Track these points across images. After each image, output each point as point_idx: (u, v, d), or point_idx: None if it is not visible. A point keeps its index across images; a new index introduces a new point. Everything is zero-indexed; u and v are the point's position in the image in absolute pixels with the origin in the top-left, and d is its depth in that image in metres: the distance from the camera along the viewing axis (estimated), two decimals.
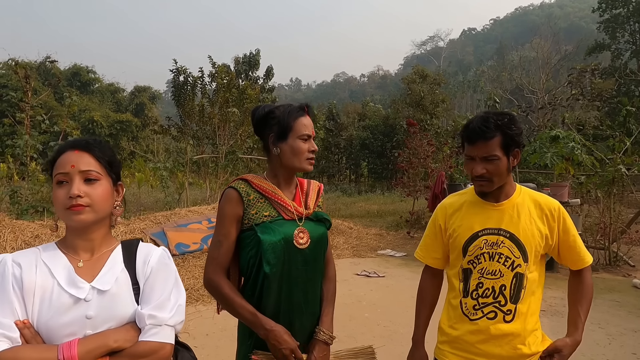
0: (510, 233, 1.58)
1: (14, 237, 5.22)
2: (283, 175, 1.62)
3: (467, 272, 1.63)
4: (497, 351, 1.58)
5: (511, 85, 33.12)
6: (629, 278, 6.20)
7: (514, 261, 1.57)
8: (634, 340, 3.98)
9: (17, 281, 1.07)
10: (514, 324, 1.57)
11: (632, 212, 8.91)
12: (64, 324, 1.07)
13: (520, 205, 1.62)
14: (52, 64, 29.83)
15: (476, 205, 1.66)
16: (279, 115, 1.58)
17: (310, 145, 1.59)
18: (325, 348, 1.60)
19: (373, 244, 8.82)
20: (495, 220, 1.61)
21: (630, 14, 28.52)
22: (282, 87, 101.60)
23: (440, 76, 28.44)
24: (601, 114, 20.98)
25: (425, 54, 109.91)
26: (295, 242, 1.54)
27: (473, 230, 1.62)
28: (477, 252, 1.60)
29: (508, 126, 1.53)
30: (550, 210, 1.63)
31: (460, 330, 1.63)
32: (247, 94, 12.91)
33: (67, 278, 1.11)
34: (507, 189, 1.64)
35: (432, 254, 1.77)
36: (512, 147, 1.55)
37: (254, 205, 1.56)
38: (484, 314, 1.58)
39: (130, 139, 35.96)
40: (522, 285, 1.58)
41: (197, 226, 6.87)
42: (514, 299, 1.58)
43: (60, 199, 1.10)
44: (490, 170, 1.54)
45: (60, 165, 1.12)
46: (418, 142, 11.04)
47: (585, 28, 65.01)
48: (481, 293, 1.59)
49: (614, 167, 6.87)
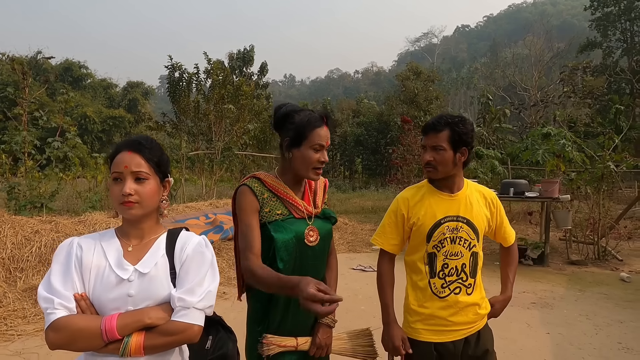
0: (466, 219, 1.85)
1: (14, 233, 5.25)
2: (292, 176, 1.69)
3: (432, 255, 1.84)
4: (464, 319, 1.84)
5: (504, 82, 33.38)
6: (617, 272, 6.37)
7: (470, 242, 1.84)
8: (620, 331, 4.12)
9: (78, 260, 1.26)
10: (474, 295, 1.86)
11: (621, 207, 9.11)
12: (111, 300, 1.24)
13: (470, 196, 1.89)
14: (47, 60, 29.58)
15: (435, 196, 1.88)
16: (297, 122, 1.61)
17: (322, 156, 1.63)
18: (328, 331, 1.71)
19: (368, 239, 8.93)
20: (454, 208, 1.85)
21: (622, 12, 28.86)
22: (275, 83, 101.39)
23: (434, 73, 28.61)
24: (592, 111, 21.26)
25: (419, 50, 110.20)
26: (306, 240, 1.64)
27: (436, 218, 1.84)
28: (441, 237, 1.83)
29: (457, 124, 1.79)
30: (492, 199, 1.95)
31: (431, 308, 1.83)
32: (242, 91, 12.95)
33: (117, 260, 1.28)
34: (458, 182, 1.89)
35: (390, 241, 1.93)
36: (459, 144, 1.80)
37: (267, 203, 1.63)
38: (451, 290, 1.83)
39: (123, 135, 35.83)
40: (477, 261, 1.87)
41: (194, 222, 6.94)
42: (472, 274, 1.86)
43: (115, 194, 1.29)
44: (436, 158, 1.80)
45: (116, 164, 1.29)
46: (412, 138, 11.17)
47: (577, 26, 65.53)
48: (447, 272, 1.83)
49: (603, 164, 7.03)
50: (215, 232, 6.82)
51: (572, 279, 6.04)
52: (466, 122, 1.81)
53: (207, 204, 7.97)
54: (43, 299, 1.20)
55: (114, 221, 6.29)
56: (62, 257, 1.26)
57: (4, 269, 4.88)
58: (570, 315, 4.55)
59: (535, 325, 4.23)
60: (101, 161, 12.63)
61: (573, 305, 4.87)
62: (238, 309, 4.28)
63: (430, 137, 1.82)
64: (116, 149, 1.32)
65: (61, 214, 6.80)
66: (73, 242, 1.29)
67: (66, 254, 1.27)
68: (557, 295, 5.27)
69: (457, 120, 1.80)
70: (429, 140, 1.83)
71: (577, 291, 5.45)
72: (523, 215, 9.84)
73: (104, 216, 6.37)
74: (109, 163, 1.33)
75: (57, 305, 1.19)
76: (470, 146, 1.83)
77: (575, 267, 6.75)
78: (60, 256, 1.27)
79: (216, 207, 7.82)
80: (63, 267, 1.25)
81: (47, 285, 1.22)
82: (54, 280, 1.22)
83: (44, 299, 1.20)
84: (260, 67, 27.04)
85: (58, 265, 1.25)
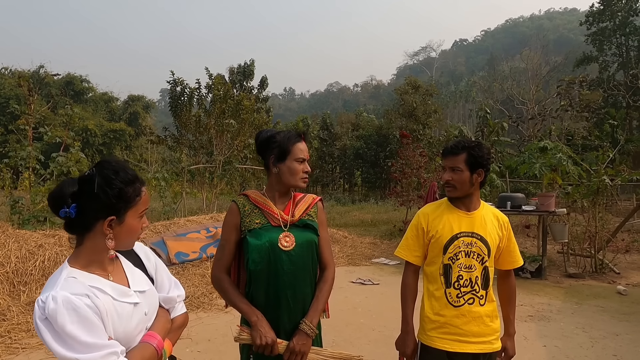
0: (480, 236, 2.02)
1: (18, 247, 5.32)
2: (279, 190, 1.91)
3: (448, 267, 2.01)
4: (476, 329, 1.98)
5: (502, 95, 33.71)
6: (614, 285, 6.43)
7: (483, 257, 2.01)
8: (615, 343, 4.18)
9: (93, 309, 1.17)
10: (486, 306, 2.01)
11: (618, 220, 9.17)
12: (135, 326, 1.28)
13: (486, 215, 2.07)
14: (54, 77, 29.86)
15: (453, 213, 2.07)
16: (279, 140, 1.87)
17: (305, 167, 1.89)
18: (305, 338, 1.76)
19: (367, 252, 8.99)
20: (469, 225, 2.03)
21: (617, 27, 29.25)
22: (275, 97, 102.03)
23: (432, 87, 28.87)
24: (589, 124, 21.44)
25: (417, 64, 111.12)
26: (280, 245, 1.80)
27: (453, 232, 2.02)
28: (456, 251, 2.01)
29: (473, 148, 2.01)
30: (504, 222, 2.10)
31: (446, 316, 1.99)
32: (243, 105, 13.12)
33: (117, 292, 1.26)
34: (474, 202, 2.08)
35: (413, 252, 2.12)
36: (475, 166, 2.00)
37: (249, 215, 1.86)
38: (465, 301, 1.99)
39: (124, 148, 35.93)
40: (488, 275, 2.03)
41: (195, 235, 7.01)
42: (484, 286, 2.01)
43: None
44: (454, 178, 2.01)
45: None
46: (411, 152, 11.28)
47: (574, 40, 66.21)
48: (462, 284, 1.99)
49: (599, 178, 7.13)
50: (216, 246, 6.88)
51: (569, 292, 6.09)
52: (482, 147, 2.03)
53: (208, 217, 8.05)
54: (103, 356, 1.13)
55: None
56: (75, 318, 1.13)
57: (8, 283, 4.95)
58: (566, 328, 4.61)
59: (532, 338, 4.29)
60: None
61: (570, 318, 4.93)
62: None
63: (449, 159, 2.03)
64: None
65: (63, 228, 6.86)
66: (67, 297, 1.14)
67: (81, 312, 1.15)
68: (554, 308, 5.33)
69: (473, 145, 2.02)
70: (448, 162, 2.04)
71: (574, 304, 5.51)
72: (521, 228, 9.91)
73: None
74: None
75: (119, 353, 1.16)
76: (486, 168, 2.03)
77: (572, 280, 6.80)
78: (73, 315, 1.13)
79: (217, 221, 7.89)
80: (87, 325, 1.14)
81: (84, 347, 1.11)
82: (89, 340, 1.12)
83: (105, 356, 1.13)
84: (260, 80, 27.36)
85: (75, 326, 1.12)
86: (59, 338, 1.11)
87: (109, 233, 1.24)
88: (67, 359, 1.10)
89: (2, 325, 4.24)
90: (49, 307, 1.12)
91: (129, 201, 1.26)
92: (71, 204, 1.21)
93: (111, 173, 1.24)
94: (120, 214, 1.25)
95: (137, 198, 1.27)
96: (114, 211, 1.24)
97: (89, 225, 1.24)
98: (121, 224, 1.26)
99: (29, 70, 35.92)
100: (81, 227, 1.25)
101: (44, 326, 1.13)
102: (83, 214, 1.22)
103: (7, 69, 36.76)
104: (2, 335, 4.08)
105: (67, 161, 7.07)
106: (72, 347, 1.11)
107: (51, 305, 1.11)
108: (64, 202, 1.21)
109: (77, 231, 1.27)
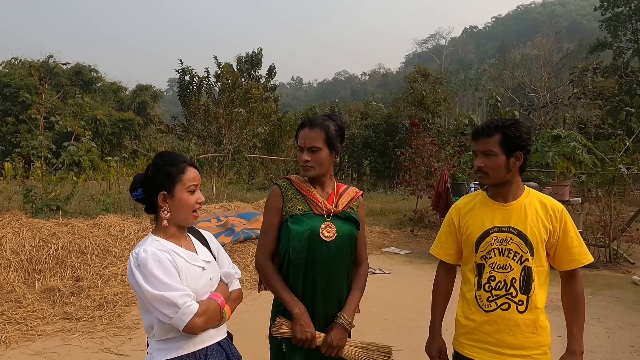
0: (518, 230, 1.73)
1: (32, 235, 5.37)
2: (319, 180, 1.86)
3: (481, 267, 1.77)
4: (512, 340, 1.70)
5: (513, 83, 33.20)
6: (629, 275, 6.35)
7: (522, 256, 1.72)
8: (632, 334, 4.13)
9: (173, 263, 1.49)
10: (527, 315, 1.70)
11: (633, 210, 9.04)
12: (202, 286, 1.56)
13: (528, 205, 1.76)
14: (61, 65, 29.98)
15: (487, 206, 1.81)
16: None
17: (305, 155, 1.82)
18: (342, 332, 1.74)
19: (377, 241, 8.97)
20: (504, 218, 1.75)
21: (632, 12, 28.53)
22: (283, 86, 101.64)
23: (442, 75, 28.53)
24: (603, 112, 21.05)
25: (426, 52, 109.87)
26: (321, 235, 1.76)
27: (484, 228, 1.77)
28: (488, 248, 1.75)
29: (508, 128, 1.71)
30: (554, 211, 1.76)
31: (476, 321, 1.76)
32: (251, 94, 13.06)
33: (189, 256, 1.57)
34: (514, 190, 1.78)
35: (446, 250, 1.93)
36: (512, 149, 1.71)
37: (291, 200, 1.82)
38: (497, 305, 1.72)
39: (133, 138, 36.13)
40: (531, 277, 1.72)
41: (206, 224, 7.02)
42: (525, 290, 1.71)
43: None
44: (487, 164, 1.73)
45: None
46: (421, 141, 11.17)
47: (587, 26, 64.95)
48: (494, 286, 1.73)
49: (614, 166, 7.00)
50: (227, 235, 6.90)
51: (584, 282, 5.98)
52: (519, 125, 1.72)
53: (218, 206, 8.06)
54: (175, 297, 1.41)
55: (127, 223, 6.41)
56: (159, 266, 1.44)
57: (23, 271, 5.00)
58: None
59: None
60: (114, 164, 12.76)
61: (585, 308, 4.86)
62: (251, 311, 4.35)
63: (480, 142, 1.75)
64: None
65: (75, 216, 6.92)
66: (155, 252, 1.47)
67: (164, 262, 1.47)
68: None
69: (508, 124, 1.72)
70: (479, 146, 1.76)
71: (588, 294, 5.44)
72: None
73: (118, 219, 6.48)
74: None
75: (192, 298, 1.46)
76: (525, 150, 1.73)
77: (586, 270, 6.72)
78: (158, 264, 1.45)
79: (227, 210, 7.91)
80: (168, 272, 1.46)
81: (166, 287, 1.42)
82: (170, 282, 1.43)
83: (177, 297, 1.41)
84: (268, 69, 27.18)
85: (159, 272, 1.44)
86: (147, 280, 1.42)
87: (164, 206, 1.54)
88: (153, 294, 1.41)
89: (18, 313, 4.30)
90: (141, 256, 1.44)
91: (174, 177, 1.54)
92: (138, 188, 1.56)
93: (159, 160, 1.56)
94: (170, 190, 1.54)
95: (180, 175, 1.54)
96: (164, 187, 1.54)
97: (155, 204, 1.56)
98: (172, 198, 1.54)
99: (38, 60, 36.14)
100: (151, 207, 1.59)
101: (137, 271, 1.44)
102: (148, 196, 1.56)
103: (17, 59, 37.02)
104: (19, 322, 4.13)
105: (79, 150, 7.11)
106: (156, 287, 1.42)
107: (142, 255, 1.44)
108: (135, 188, 1.57)
109: (151, 211, 1.61)
